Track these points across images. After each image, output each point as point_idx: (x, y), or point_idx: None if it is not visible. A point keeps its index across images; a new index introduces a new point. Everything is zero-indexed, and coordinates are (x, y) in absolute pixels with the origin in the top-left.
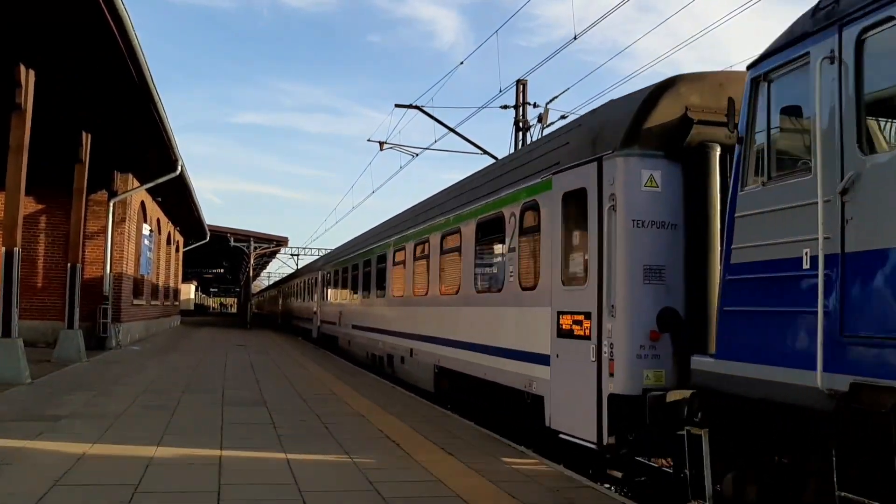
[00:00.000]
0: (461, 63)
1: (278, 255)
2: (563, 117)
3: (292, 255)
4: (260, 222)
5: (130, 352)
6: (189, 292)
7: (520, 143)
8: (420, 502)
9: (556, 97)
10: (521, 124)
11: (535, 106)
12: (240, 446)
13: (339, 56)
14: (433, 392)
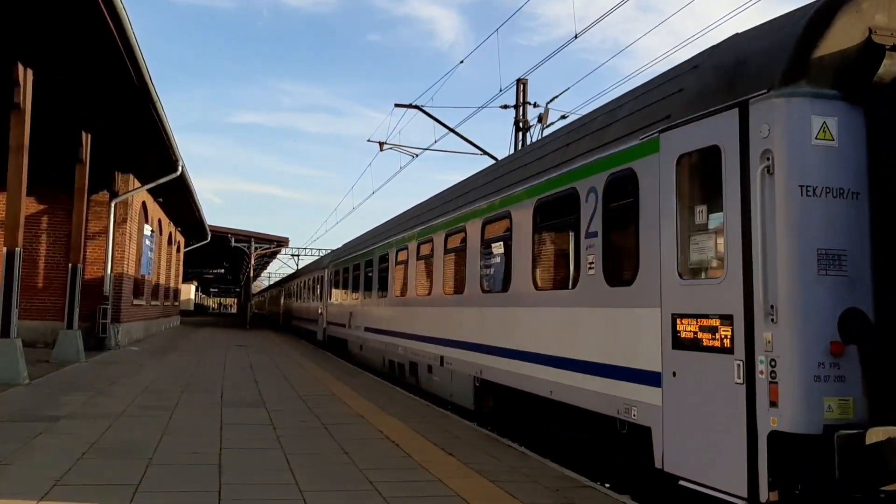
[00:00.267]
0: (461, 62)
1: (279, 256)
2: (563, 117)
3: (293, 256)
4: (260, 222)
5: (129, 352)
6: (189, 292)
7: (520, 143)
8: (420, 502)
9: (557, 97)
10: (521, 124)
11: (536, 106)
12: (239, 447)
13: (339, 56)
14: (472, 410)
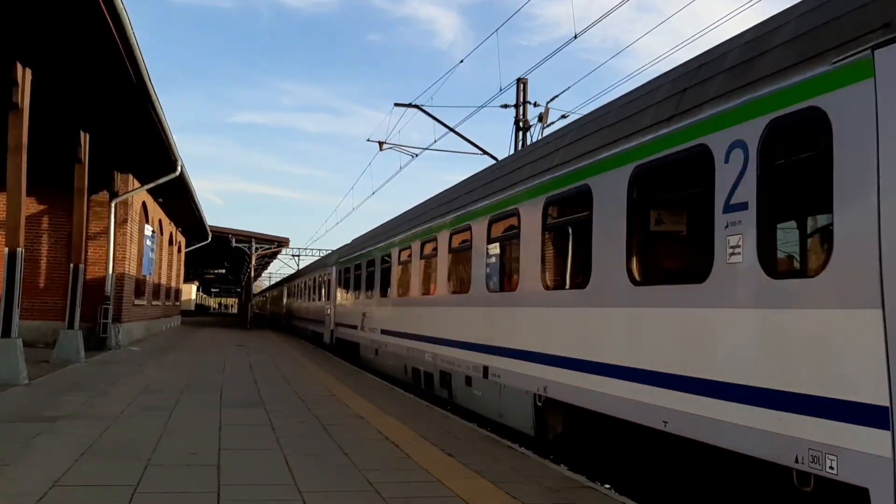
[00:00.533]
0: (461, 62)
1: (279, 256)
2: (563, 116)
3: (293, 256)
4: (260, 223)
5: (130, 352)
6: (190, 293)
7: (520, 143)
8: (419, 503)
9: (557, 96)
10: (521, 123)
11: (536, 105)
12: (238, 447)
13: (339, 56)
14: (532, 436)
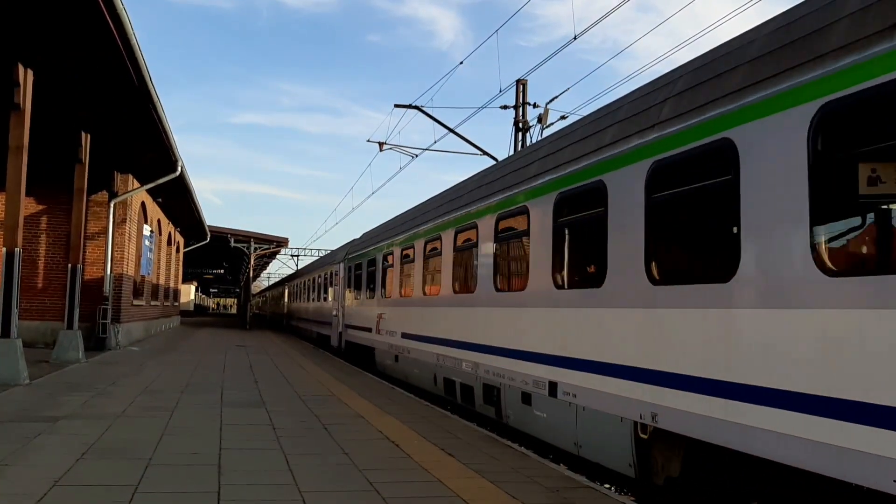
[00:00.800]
0: (461, 63)
1: (278, 256)
2: (563, 117)
3: (292, 256)
4: (260, 222)
5: (129, 352)
6: (189, 293)
7: (520, 144)
8: (420, 503)
9: (557, 97)
10: (520, 124)
11: (535, 106)
12: (239, 447)
13: (339, 56)
14: (632, 477)
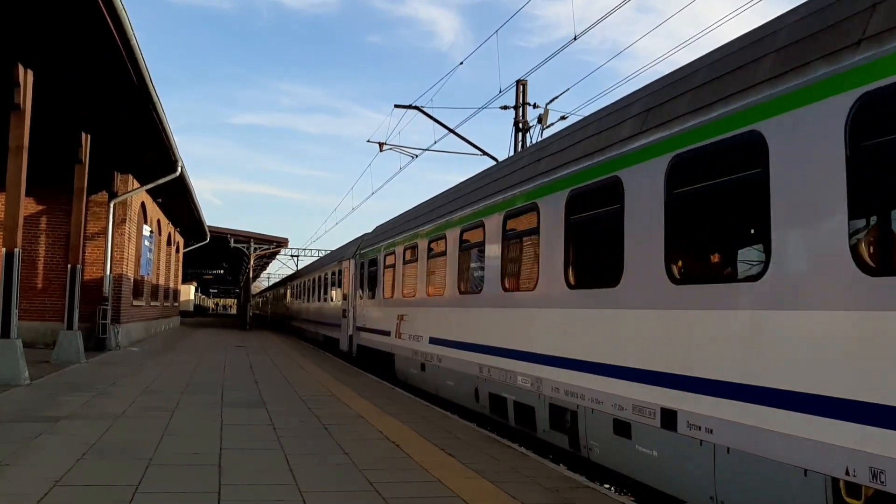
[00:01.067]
0: (461, 63)
1: (278, 257)
2: (563, 118)
3: (292, 257)
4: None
5: (129, 353)
6: (189, 293)
7: (520, 145)
8: (420, 503)
9: (557, 97)
10: (521, 125)
11: (535, 106)
12: (239, 447)
13: (339, 57)
14: None
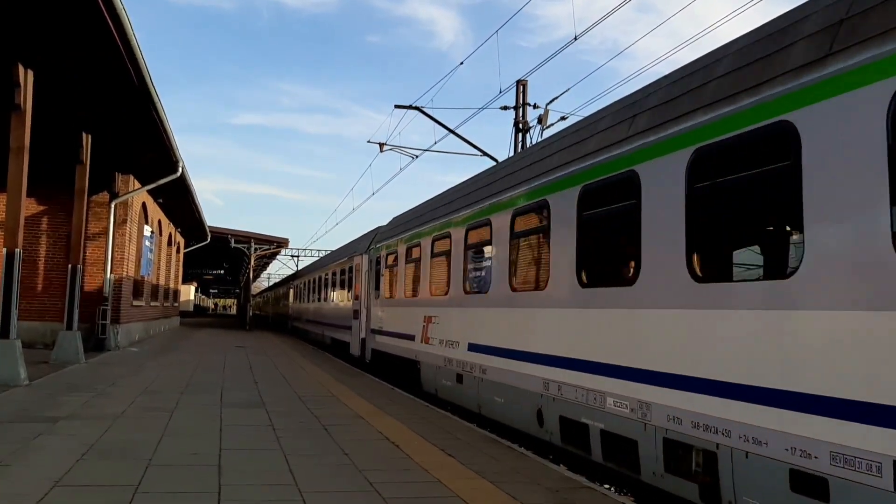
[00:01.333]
0: (461, 63)
1: (278, 257)
2: (563, 118)
3: (292, 257)
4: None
5: (129, 353)
6: (189, 293)
7: (520, 145)
8: (420, 503)
9: (557, 98)
10: (521, 125)
11: (536, 107)
12: (239, 448)
13: (339, 57)
14: None
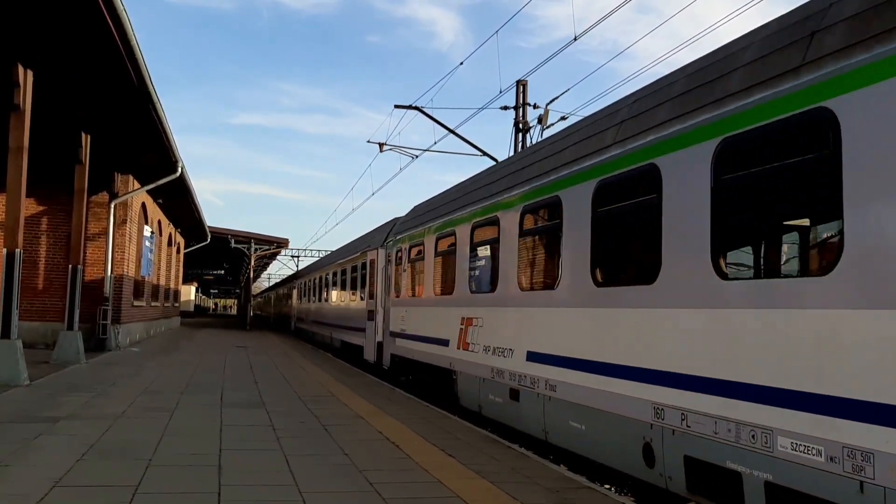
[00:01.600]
0: (461, 64)
1: (278, 257)
2: (563, 118)
3: (293, 257)
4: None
5: (129, 353)
6: (189, 294)
7: (520, 145)
8: (420, 503)
9: (557, 98)
10: (521, 125)
11: (536, 107)
12: (239, 448)
13: (339, 57)
14: None
